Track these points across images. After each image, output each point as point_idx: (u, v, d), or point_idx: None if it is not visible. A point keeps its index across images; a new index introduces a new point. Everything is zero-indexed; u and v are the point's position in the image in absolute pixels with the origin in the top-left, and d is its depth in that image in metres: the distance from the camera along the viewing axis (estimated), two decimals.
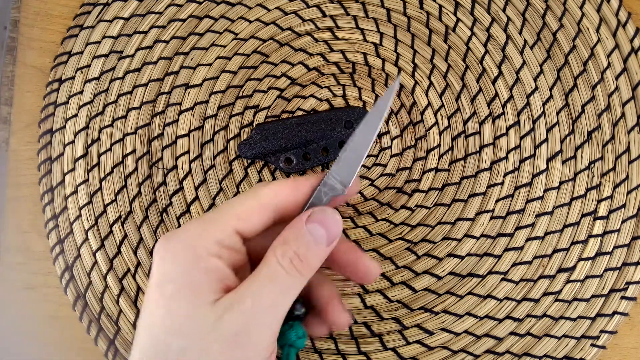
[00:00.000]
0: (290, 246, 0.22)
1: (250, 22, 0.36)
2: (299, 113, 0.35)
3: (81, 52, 0.36)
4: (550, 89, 0.35)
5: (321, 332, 0.26)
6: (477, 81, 0.35)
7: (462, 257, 0.34)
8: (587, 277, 0.34)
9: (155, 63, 0.36)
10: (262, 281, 0.21)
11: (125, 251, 0.34)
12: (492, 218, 0.34)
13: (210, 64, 0.36)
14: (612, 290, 0.34)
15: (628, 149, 0.34)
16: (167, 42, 0.36)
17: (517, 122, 0.35)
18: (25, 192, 0.36)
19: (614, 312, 0.33)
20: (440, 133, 0.35)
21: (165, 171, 0.35)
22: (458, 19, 0.36)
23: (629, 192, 0.34)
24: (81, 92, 0.36)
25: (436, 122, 0.35)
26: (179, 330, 0.21)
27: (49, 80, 0.36)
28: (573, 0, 0.35)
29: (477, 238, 0.34)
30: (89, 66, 0.36)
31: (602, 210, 0.34)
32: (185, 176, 0.35)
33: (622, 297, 0.33)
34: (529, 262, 0.34)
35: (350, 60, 0.36)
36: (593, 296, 0.33)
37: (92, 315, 0.34)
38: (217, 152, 0.35)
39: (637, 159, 0.34)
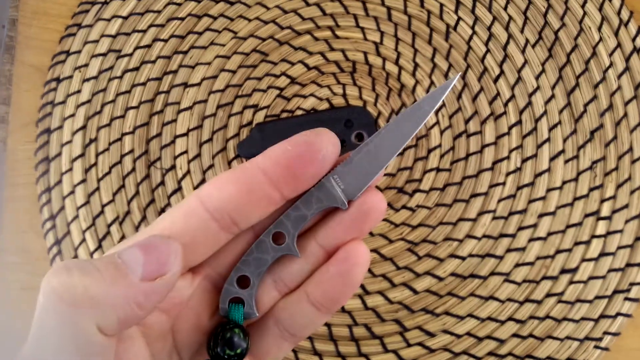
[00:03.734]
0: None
1: (250, 20, 0.36)
2: (299, 112, 0.35)
3: (79, 51, 0.36)
4: (552, 88, 0.35)
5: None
6: (479, 80, 0.35)
7: (463, 258, 0.34)
8: (590, 278, 0.33)
9: (153, 62, 0.36)
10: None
11: None
12: (494, 218, 0.34)
13: (209, 63, 0.36)
14: (615, 292, 0.33)
15: (631, 149, 0.34)
16: (165, 41, 0.36)
17: (519, 122, 0.35)
18: (22, 192, 0.35)
19: (618, 314, 0.33)
20: (442, 132, 0.35)
21: (164, 171, 0.35)
22: (459, 18, 0.35)
23: (632, 192, 0.34)
24: (79, 91, 0.35)
25: (437, 122, 0.35)
26: None
27: (46, 79, 0.36)
28: None
29: (479, 239, 0.34)
30: (87, 65, 0.36)
31: (605, 210, 0.34)
32: (184, 176, 0.35)
33: (626, 299, 0.33)
34: (532, 263, 0.33)
35: (350, 59, 0.36)
36: (596, 297, 0.33)
37: None
38: (216, 151, 0.35)
39: None
